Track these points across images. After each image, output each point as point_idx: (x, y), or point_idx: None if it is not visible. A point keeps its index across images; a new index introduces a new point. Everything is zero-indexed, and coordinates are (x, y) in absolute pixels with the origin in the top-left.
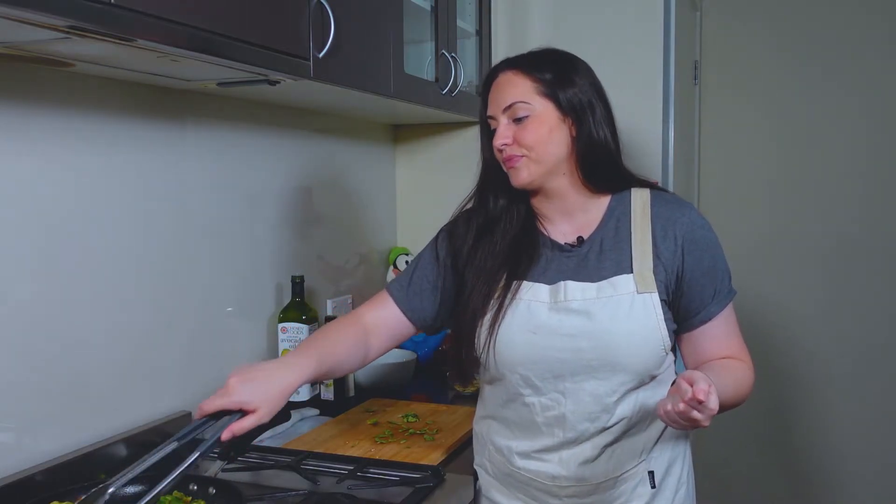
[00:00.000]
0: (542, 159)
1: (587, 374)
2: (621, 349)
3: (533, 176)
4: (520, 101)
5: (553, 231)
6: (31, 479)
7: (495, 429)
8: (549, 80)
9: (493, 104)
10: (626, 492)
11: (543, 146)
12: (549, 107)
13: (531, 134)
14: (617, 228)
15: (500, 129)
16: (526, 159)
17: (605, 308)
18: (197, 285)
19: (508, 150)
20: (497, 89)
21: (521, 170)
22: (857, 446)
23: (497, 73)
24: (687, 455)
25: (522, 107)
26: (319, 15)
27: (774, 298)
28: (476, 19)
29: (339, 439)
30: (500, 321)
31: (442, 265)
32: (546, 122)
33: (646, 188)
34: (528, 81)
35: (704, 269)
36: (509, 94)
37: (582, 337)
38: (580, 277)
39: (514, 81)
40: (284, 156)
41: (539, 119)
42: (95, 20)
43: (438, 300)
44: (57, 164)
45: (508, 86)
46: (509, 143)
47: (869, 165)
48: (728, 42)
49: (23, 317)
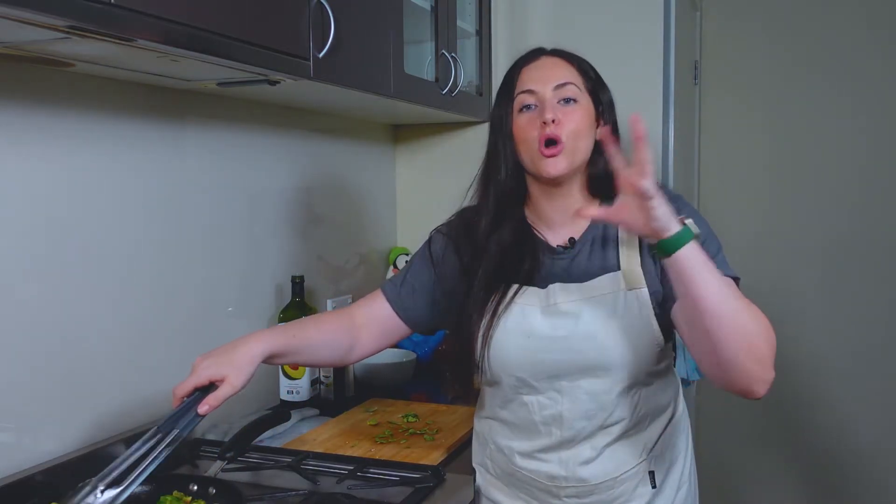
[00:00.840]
0: (577, 150)
1: (583, 374)
2: (613, 348)
3: (569, 167)
4: (573, 83)
5: (547, 234)
6: (31, 479)
7: (496, 429)
8: (593, 79)
9: (539, 80)
10: (626, 492)
11: (582, 138)
12: (590, 103)
13: (576, 120)
14: (605, 227)
15: (549, 106)
16: (565, 147)
17: (595, 308)
18: (197, 285)
19: (554, 128)
20: (543, 68)
21: (561, 158)
22: (859, 443)
23: (539, 55)
24: (689, 454)
25: (574, 89)
26: (319, 15)
27: (775, 296)
28: (476, 19)
29: (339, 439)
30: (495, 327)
31: (435, 267)
32: (588, 114)
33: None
34: (576, 72)
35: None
36: (562, 74)
37: (574, 338)
38: (570, 279)
39: (562, 66)
40: (284, 156)
41: (584, 109)
42: (95, 20)
43: (430, 301)
44: (57, 164)
45: (558, 68)
46: (558, 122)
47: (868, 164)
48: (728, 42)
49: (23, 317)
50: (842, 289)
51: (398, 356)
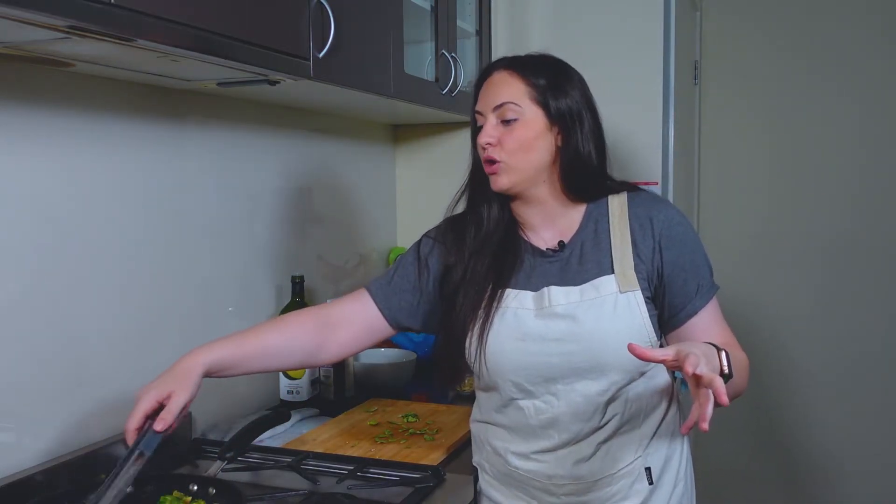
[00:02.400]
0: (520, 167)
1: (578, 376)
2: (609, 350)
3: (512, 182)
4: (511, 103)
5: (534, 237)
6: (31, 479)
7: (492, 432)
8: (543, 87)
9: (483, 101)
10: (623, 488)
11: (524, 153)
12: (538, 113)
13: (516, 138)
14: (596, 231)
15: (487, 128)
16: (504, 165)
17: (590, 310)
18: (197, 285)
19: (490, 151)
20: (490, 87)
21: (501, 176)
22: (854, 446)
23: (492, 70)
24: (684, 452)
25: (512, 108)
26: (319, 15)
27: (775, 298)
28: (476, 19)
29: (339, 439)
30: (489, 331)
31: (423, 269)
32: (533, 128)
33: (623, 192)
34: (521, 84)
35: (684, 264)
36: (501, 94)
37: (569, 341)
38: (563, 282)
39: (508, 81)
40: (284, 156)
41: (527, 124)
42: (95, 20)
43: (416, 303)
44: (56, 164)
45: (502, 85)
46: (493, 144)
47: (869, 165)
48: (728, 42)
49: (23, 317)
50: (842, 289)
51: (398, 356)
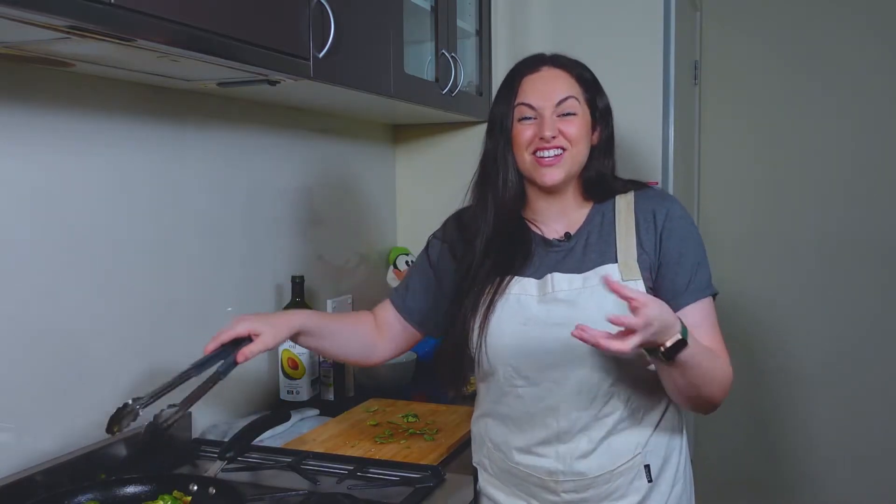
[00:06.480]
0: (577, 160)
1: (577, 364)
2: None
3: (567, 174)
4: (573, 97)
5: (544, 229)
6: (31, 479)
7: (492, 426)
8: (590, 87)
9: (538, 94)
10: (622, 485)
11: (582, 147)
12: (587, 112)
13: (577, 131)
14: (602, 223)
15: (548, 121)
16: (568, 154)
17: (592, 297)
18: (197, 285)
19: (556, 142)
20: (542, 81)
21: (559, 168)
22: (853, 445)
23: (539, 65)
24: (683, 449)
25: (574, 104)
26: (319, 15)
27: (775, 297)
28: (476, 19)
29: (339, 439)
30: (491, 315)
31: (434, 271)
32: (585, 124)
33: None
34: (574, 81)
35: (678, 257)
36: (563, 89)
37: (570, 326)
38: (567, 269)
39: (562, 77)
40: (284, 156)
41: (582, 119)
42: (95, 20)
43: (433, 304)
44: (56, 164)
45: (559, 80)
46: (556, 136)
47: (869, 165)
48: (728, 42)
49: (23, 317)
50: (842, 289)
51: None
